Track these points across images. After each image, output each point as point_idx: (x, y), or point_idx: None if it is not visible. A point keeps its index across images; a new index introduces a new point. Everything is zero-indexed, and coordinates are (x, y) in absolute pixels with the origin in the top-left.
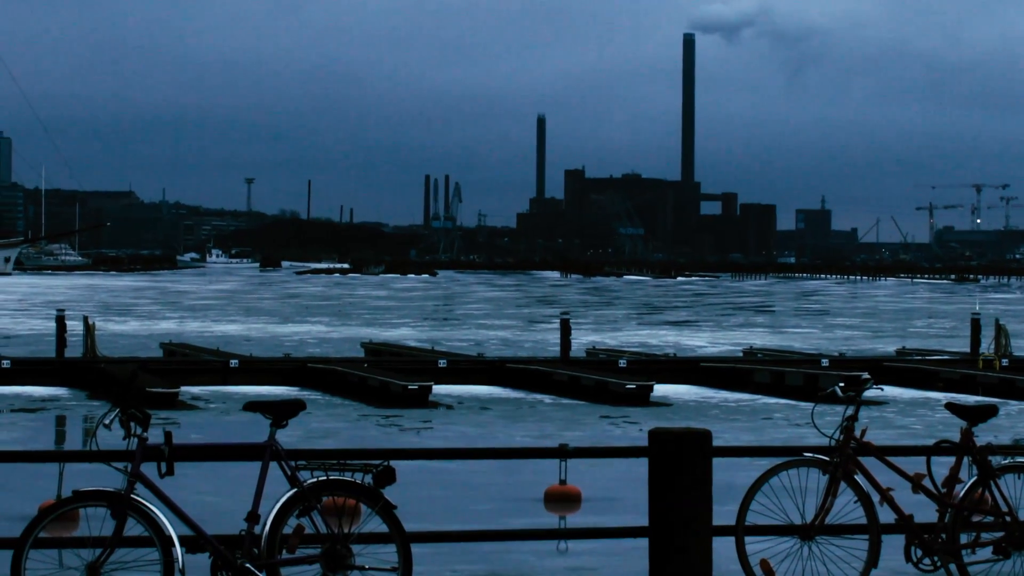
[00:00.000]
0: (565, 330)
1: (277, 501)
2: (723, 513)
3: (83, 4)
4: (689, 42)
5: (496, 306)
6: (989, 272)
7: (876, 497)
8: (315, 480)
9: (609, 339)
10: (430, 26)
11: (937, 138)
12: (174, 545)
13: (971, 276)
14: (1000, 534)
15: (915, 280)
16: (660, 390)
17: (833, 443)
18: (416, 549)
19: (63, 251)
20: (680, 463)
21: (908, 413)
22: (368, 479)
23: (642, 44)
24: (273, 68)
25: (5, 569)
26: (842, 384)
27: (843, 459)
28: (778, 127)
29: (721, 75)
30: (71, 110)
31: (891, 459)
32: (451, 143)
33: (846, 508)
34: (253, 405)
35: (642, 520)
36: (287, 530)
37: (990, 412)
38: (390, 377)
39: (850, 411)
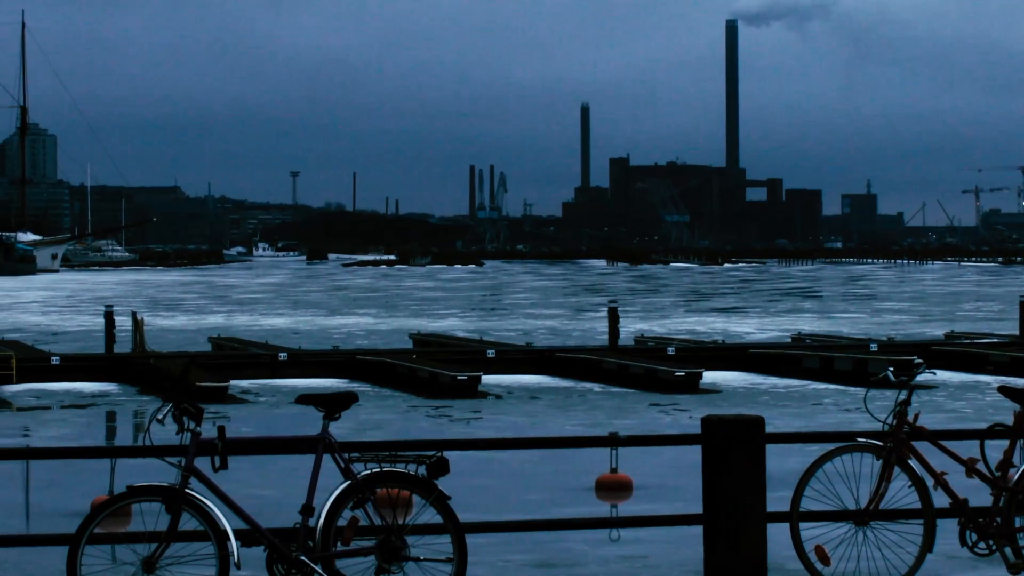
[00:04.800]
0: (613, 318)
1: (331, 493)
2: (775, 499)
3: (128, 4)
4: (732, 29)
5: (543, 295)
6: None
7: (930, 481)
8: (369, 472)
9: (657, 327)
10: (474, 20)
11: (983, 121)
12: (229, 539)
13: (1018, 258)
14: None
15: (962, 263)
16: (709, 377)
17: (886, 428)
18: (469, 539)
19: (110, 247)
20: (733, 450)
21: (958, 397)
22: (422, 470)
23: (688, 33)
24: (318, 62)
25: (61, 565)
26: (892, 368)
27: (897, 444)
28: (823, 113)
29: (769, 62)
30: (116, 107)
31: (944, 443)
32: (496, 134)
33: (900, 493)
34: (306, 398)
35: (693, 507)
36: (341, 522)
37: None
38: (439, 368)
39: (903, 396)
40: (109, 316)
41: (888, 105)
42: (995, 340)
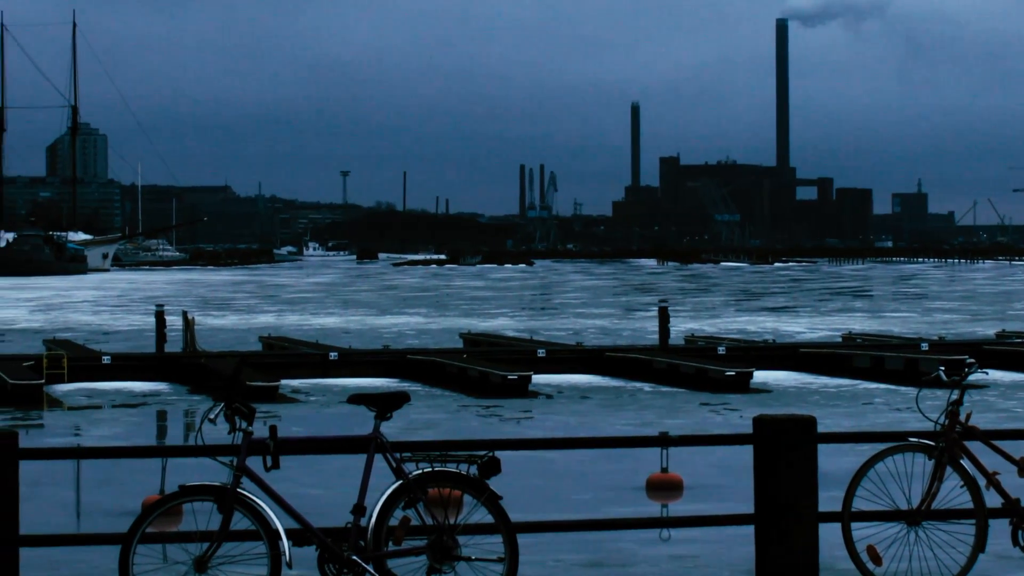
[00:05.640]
0: (663, 318)
1: (382, 493)
2: (826, 499)
3: (179, 3)
4: (782, 28)
5: (593, 295)
6: None
7: (982, 481)
8: (420, 472)
9: (708, 326)
10: (525, 18)
11: None
12: (281, 538)
13: None
14: None
15: (1013, 262)
16: (760, 376)
17: (938, 428)
18: (519, 539)
19: (160, 246)
20: (786, 449)
21: (1010, 396)
22: (473, 470)
23: (740, 32)
24: (369, 61)
25: (113, 564)
26: (943, 368)
27: (948, 444)
28: (874, 112)
29: (821, 61)
30: (166, 106)
31: (996, 443)
32: (546, 133)
33: (952, 493)
34: (358, 398)
35: (744, 507)
36: (393, 522)
37: None
38: (489, 367)
39: (954, 395)
40: (160, 315)
41: (940, 104)
42: None
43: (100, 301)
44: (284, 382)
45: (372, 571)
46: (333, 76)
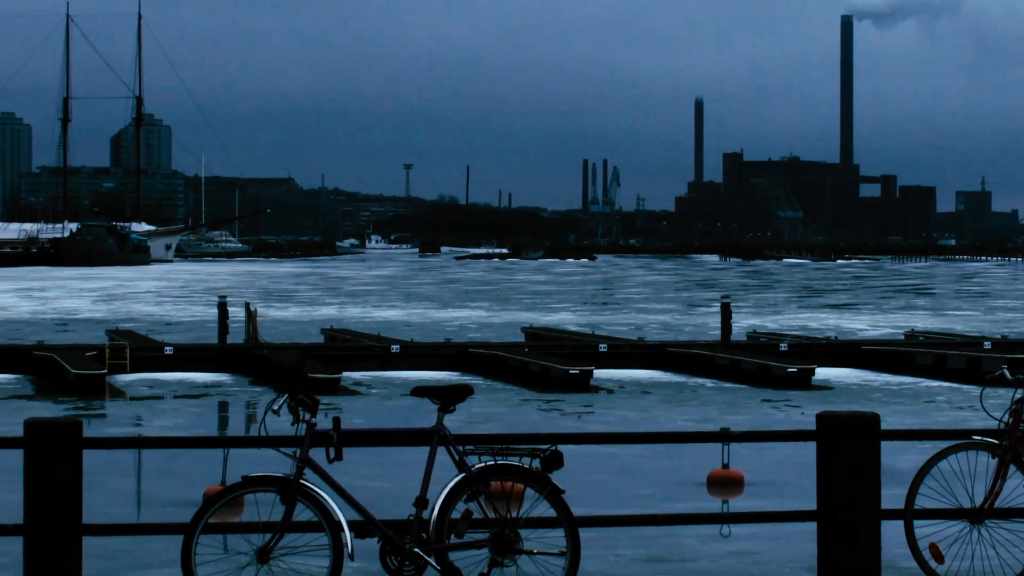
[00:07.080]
0: (725, 314)
1: (445, 486)
2: (889, 497)
3: None
4: (847, 25)
5: (655, 290)
6: None
7: None
8: (483, 465)
9: (770, 323)
10: (590, 14)
11: None
12: (343, 530)
13: None
14: None
15: None
16: (821, 373)
17: (1002, 426)
18: (580, 533)
19: (223, 238)
20: (849, 447)
21: None
22: (535, 464)
23: (806, 29)
24: (434, 55)
25: (175, 554)
26: (1007, 367)
27: (1012, 442)
28: (940, 110)
29: (888, 59)
30: (230, 98)
31: None
32: (610, 128)
33: (1015, 492)
34: (421, 390)
35: (805, 504)
36: (455, 515)
37: None
38: (551, 362)
39: (1019, 394)
40: (223, 307)
41: (1007, 103)
42: None
43: (163, 292)
44: (346, 374)
45: (434, 563)
46: (398, 69)
